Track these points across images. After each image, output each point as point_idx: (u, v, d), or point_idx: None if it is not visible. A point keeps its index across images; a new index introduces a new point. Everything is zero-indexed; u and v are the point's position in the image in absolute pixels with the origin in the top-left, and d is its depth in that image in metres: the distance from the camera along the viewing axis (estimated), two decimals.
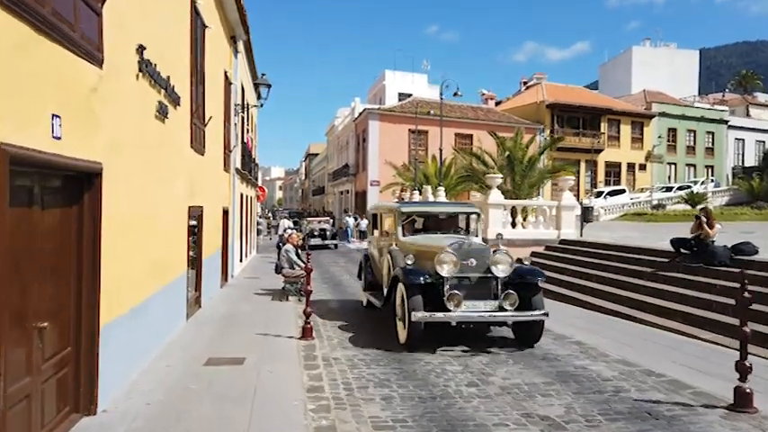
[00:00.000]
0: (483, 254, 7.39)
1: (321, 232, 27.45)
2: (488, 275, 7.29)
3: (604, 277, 11.35)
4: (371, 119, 36.90)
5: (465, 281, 7.28)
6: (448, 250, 7.23)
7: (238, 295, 12.09)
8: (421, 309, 6.97)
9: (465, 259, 7.22)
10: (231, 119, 14.89)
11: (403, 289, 7.34)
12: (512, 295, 7.09)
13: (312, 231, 27.31)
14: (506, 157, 17.78)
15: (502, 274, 7.25)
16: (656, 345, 7.39)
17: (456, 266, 7.14)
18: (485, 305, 7.17)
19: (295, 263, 11.77)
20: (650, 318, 8.78)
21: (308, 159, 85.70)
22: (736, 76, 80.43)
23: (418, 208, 10.32)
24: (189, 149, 8.75)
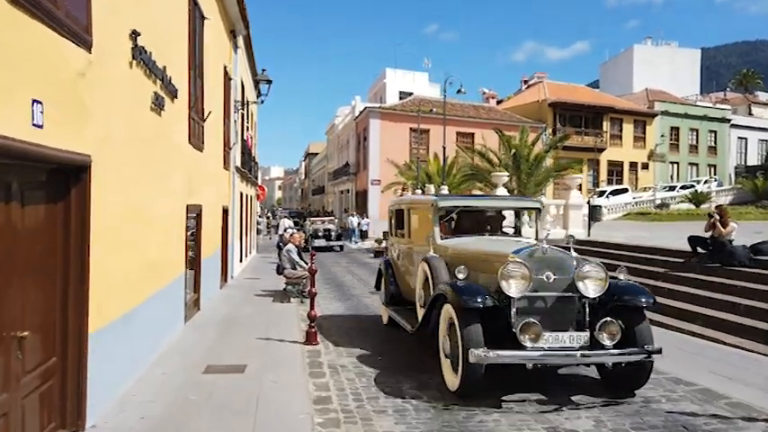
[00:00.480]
0: (565, 264, 5.38)
1: (326, 233, 26.08)
2: (572, 295, 5.31)
3: None
4: (372, 117, 36.53)
5: (539, 302, 5.32)
6: (516, 259, 5.22)
7: (239, 296, 11.70)
8: (481, 344, 5.01)
9: (540, 272, 5.25)
10: (231, 115, 14.50)
11: (453, 314, 5.38)
12: (612, 325, 5.12)
13: (316, 232, 26.05)
14: (512, 155, 17.41)
15: (593, 293, 5.25)
16: (679, 350, 7.01)
17: (528, 282, 5.14)
18: (571, 338, 5.18)
19: (297, 263, 11.39)
20: (669, 321, 8.39)
21: (308, 159, 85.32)
22: (736, 76, 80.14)
23: (461, 202, 8.06)
24: (187, 145, 8.36)
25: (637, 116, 44.91)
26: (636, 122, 45.04)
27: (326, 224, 27.71)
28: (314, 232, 25.90)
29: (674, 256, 10.78)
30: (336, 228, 27.65)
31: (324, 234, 25.90)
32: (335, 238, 26.26)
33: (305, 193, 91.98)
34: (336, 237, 26.36)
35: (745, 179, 38.15)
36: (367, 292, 12.60)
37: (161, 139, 6.71)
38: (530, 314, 5.18)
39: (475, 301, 5.21)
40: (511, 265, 5.16)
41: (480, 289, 5.39)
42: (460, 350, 5.14)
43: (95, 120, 4.40)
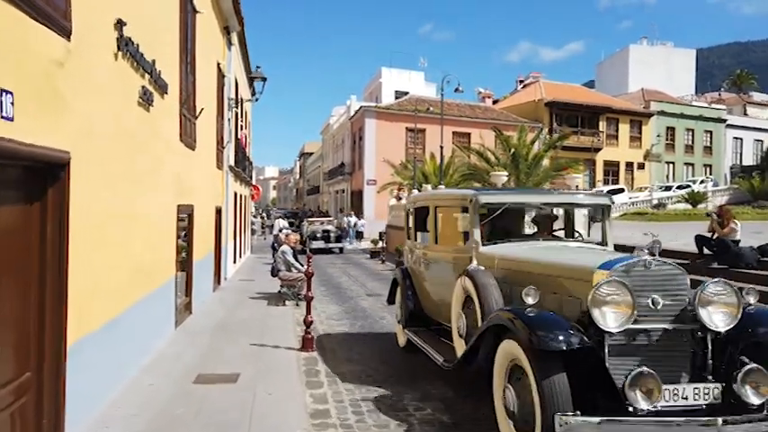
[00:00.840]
0: (678, 284, 3.93)
1: (325, 234, 24.86)
2: (687, 327, 3.85)
3: None
4: (368, 117, 36.23)
5: (641, 338, 3.82)
6: (613, 277, 3.79)
7: (232, 300, 11.37)
8: (570, 405, 3.46)
9: (643, 295, 3.81)
10: (225, 114, 14.17)
11: (521, 356, 3.79)
12: (759, 374, 3.60)
13: (314, 233, 24.76)
14: (511, 154, 17.14)
15: (723, 325, 3.81)
16: None
17: (632, 310, 3.69)
18: (695, 393, 3.65)
19: (292, 265, 11.07)
20: None
21: (303, 158, 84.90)
22: (730, 76, 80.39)
23: (508, 197, 5.98)
24: (178, 143, 8.03)
25: (633, 116, 44.83)
26: (632, 122, 44.97)
27: (325, 225, 26.51)
28: (312, 233, 24.68)
29: (679, 258, 10.51)
30: (336, 229, 26.44)
31: (323, 235, 24.73)
32: (335, 239, 25.09)
33: (300, 193, 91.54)
34: (336, 238, 25.18)
35: (741, 179, 38.08)
36: (364, 295, 12.30)
37: (150, 136, 6.39)
38: (629, 356, 3.75)
39: (557, 341, 3.56)
40: (606, 286, 3.70)
41: (561, 321, 3.80)
42: (537, 412, 3.58)
43: (75, 113, 4.07)
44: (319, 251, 23.11)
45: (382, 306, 10.71)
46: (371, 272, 17.32)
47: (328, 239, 24.70)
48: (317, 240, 24.04)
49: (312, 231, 24.93)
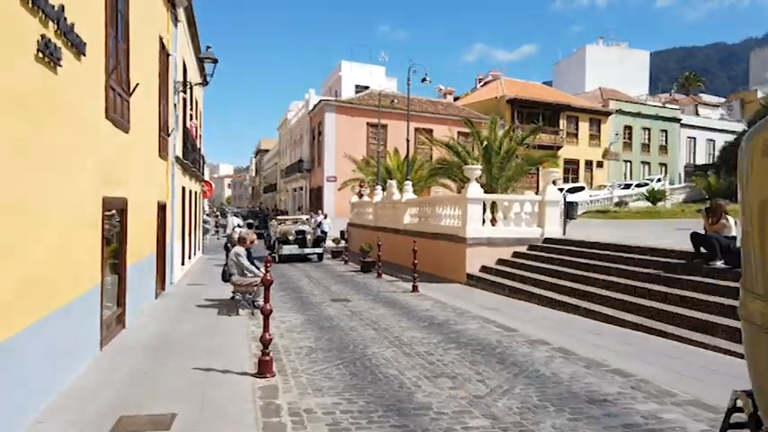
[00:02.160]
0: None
1: (299, 237, 19.78)
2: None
3: (611, 282, 9.79)
4: (328, 111, 34.81)
5: None
6: None
7: (177, 308, 9.88)
8: None
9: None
10: (170, 97, 12.59)
11: None
12: None
13: (285, 236, 19.82)
14: (483, 147, 16.17)
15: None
16: (725, 376, 5.75)
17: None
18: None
19: (247, 269, 9.67)
20: (687, 333, 7.22)
21: (259, 155, 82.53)
22: (679, 79, 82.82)
23: None
24: (103, 121, 6.55)
25: (592, 114, 45.05)
26: (591, 121, 45.18)
27: (300, 225, 21.29)
28: (283, 236, 19.88)
29: (675, 257, 9.69)
30: (313, 230, 21.31)
31: (296, 239, 19.74)
32: (313, 243, 19.97)
33: (256, 192, 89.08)
34: (314, 242, 20.02)
35: (698, 177, 38.59)
36: (329, 300, 11.01)
37: (57, 106, 4.93)
38: None
39: None
40: None
41: None
42: None
43: None
44: (292, 258, 19.49)
45: (350, 313, 9.46)
46: (334, 273, 16.01)
47: (304, 243, 19.73)
48: (289, 245, 19.49)
49: (283, 233, 20.00)
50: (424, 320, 8.85)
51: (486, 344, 7.13)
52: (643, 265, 10.05)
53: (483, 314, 9.32)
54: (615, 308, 8.94)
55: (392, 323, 8.63)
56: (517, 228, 14.30)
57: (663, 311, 8.09)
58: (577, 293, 10.05)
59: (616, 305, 9.00)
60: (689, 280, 8.67)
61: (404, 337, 7.57)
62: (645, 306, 8.48)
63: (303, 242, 19.76)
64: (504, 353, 6.65)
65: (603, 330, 7.97)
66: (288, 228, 20.69)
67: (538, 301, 10.52)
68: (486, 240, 13.91)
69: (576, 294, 10.06)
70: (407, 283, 13.18)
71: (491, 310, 9.81)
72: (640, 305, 8.59)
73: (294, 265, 18.50)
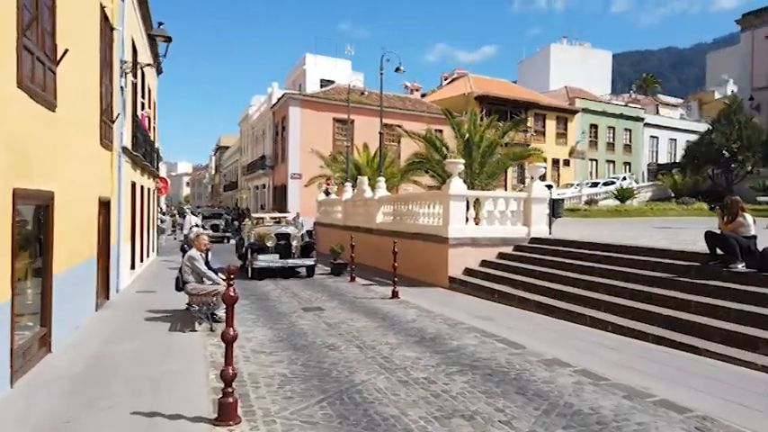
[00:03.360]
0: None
1: (283, 244, 14.27)
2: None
3: (615, 287, 8.81)
4: (292, 105, 33.25)
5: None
6: None
7: (120, 322, 8.40)
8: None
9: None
10: (115, 78, 11.01)
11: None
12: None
13: (262, 240, 14.36)
14: (465, 141, 15.09)
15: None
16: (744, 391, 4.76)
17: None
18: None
19: (204, 275, 8.26)
20: (723, 349, 6.25)
21: (219, 153, 79.82)
22: (636, 80, 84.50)
23: None
24: (15, 90, 5.10)
25: (559, 112, 44.93)
26: (558, 119, 45.06)
27: (283, 226, 15.60)
28: (258, 241, 14.50)
29: (688, 259, 8.77)
30: (299, 233, 15.57)
31: (278, 245, 14.18)
32: (300, 251, 14.44)
33: (215, 190, 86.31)
34: (303, 249, 14.52)
35: (664, 176, 38.76)
36: (300, 310, 9.70)
37: None
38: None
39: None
40: None
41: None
42: None
43: None
44: (271, 273, 14.17)
45: (327, 326, 8.18)
46: (301, 277, 14.66)
47: (288, 252, 14.23)
48: (267, 254, 14.02)
49: (259, 237, 14.64)
50: (413, 334, 7.66)
51: (494, 366, 5.98)
52: (649, 267, 9.12)
53: (478, 325, 8.19)
54: (624, 316, 7.94)
55: (377, 338, 7.41)
56: (502, 227, 13.27)
57: (684, 321, 7.12)
58: (577, 299, 9.05)
59: (625, 313, 8.01)
60: (708, 285, 7.74)
61: (395, 358, 6.36)
62: (659, 314, 7.50)
63: (287, 250, 14.18)
64: (521, 378, 5.52)
65: (620, 344, 6.94)
66: (266, 230, 14.93)
67: (533, 308, 9.48)
68: (470, 241, 12.83)
69: (576, 300, 9.06)
70: (384, 288, 11.98)
71: (485, 319, 8.70)
72: (653, 313, 7.61)
73: (276, 281, 13.63)
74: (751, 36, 39.88)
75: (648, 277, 8.73)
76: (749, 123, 32.98)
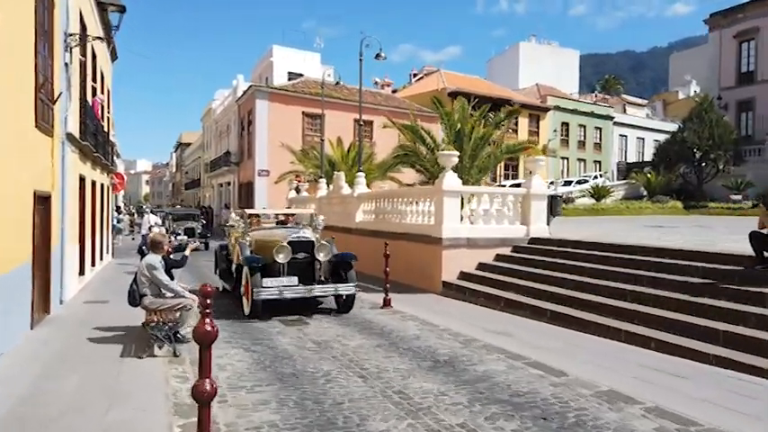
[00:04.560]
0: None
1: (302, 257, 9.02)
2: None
3: (643, 294, 7.69)
4: (259, 98, 31.44)
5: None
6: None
7: (60, 346, 6.80)
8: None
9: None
10: (57, 50, 9.32)
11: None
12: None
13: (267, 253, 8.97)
14: (456, 132, 13.85)
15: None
16: None
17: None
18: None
19: (166, 287, 6.75)
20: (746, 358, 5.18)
21: (180, 150, 76.75)
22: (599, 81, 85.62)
23: None
24: None
25: (532, 110, 44.38)
26: (531, 116, 44.50)
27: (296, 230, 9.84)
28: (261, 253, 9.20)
29: (732, 263, 7.71)
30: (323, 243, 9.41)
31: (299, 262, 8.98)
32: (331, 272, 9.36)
33: (177, 188, 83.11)
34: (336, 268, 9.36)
35: (637, 174, 38.56)
36: (276, 322, 8.26)
37: None
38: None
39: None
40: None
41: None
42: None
43: None
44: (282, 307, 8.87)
45: (316, 347, 6.80)
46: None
47: (311, 272, 9.11)
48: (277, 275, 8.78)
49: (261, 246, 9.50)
50: (422, 356, 6.34)
51: (542, 404, 4.72)
52: (680, 271, 8.04)
53: (495, 342, 6.94)
54: (666, 329, 6.80)
55: (381, 363, 6.06)
56: (499, 226, 12.10)
57: (748, 339, 6.00)
58: (602, 309, 7.90)
59: (665, 326, 6.87)
60: (764, 293, 6.68)
61: (411, 393, 5.03)
62: (714, 330, 6.38)
63: (309, 269, 9.04)
64: (585, 424, 4.26)
65: (681, 369, 5.76)
66: (271, 235, 9.76)
67: (549, 319, 8.30)
68: (466, 241, 11.60)
69: (599, 310, 7.91)
70: (371, 295, 10.64)
71: (500, 334, 7.46)
72: (706, 328, 6.50)
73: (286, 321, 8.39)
74: (719, 36, 40.14)
75: (685, 284, 7.63)
76: (720, 122, 32.99)
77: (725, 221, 19.95)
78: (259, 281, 8.45)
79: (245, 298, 8.91)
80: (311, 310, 9.23)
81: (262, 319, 8.45)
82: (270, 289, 8.46)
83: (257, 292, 8.37)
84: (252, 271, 8.60)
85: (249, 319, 8.52)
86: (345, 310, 9.13)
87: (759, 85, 37.02)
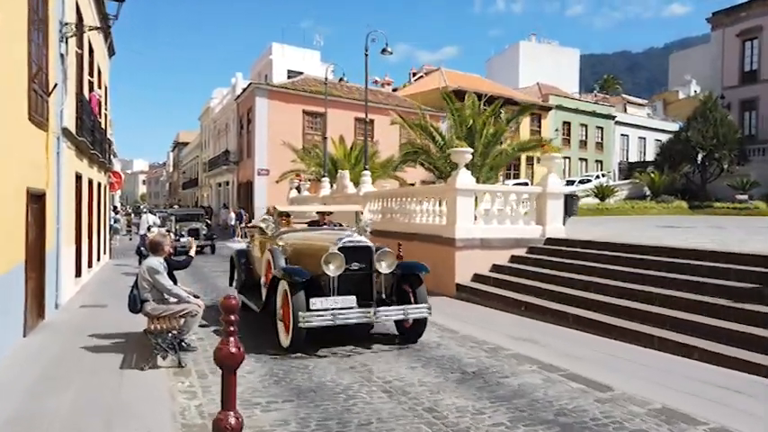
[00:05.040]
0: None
1: (357, 268, 6.83)
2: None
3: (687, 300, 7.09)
4: (259, 96, 30.87)
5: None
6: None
7: (55, 356, 6.30)
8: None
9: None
10: (52, 40, 8.81)
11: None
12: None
13: (312, 263, 6.79)
14: (467, 128, 13.37)
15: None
16: None
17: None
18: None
19: (169, 292, 6.25)
20: None
21: (177, 149, 76.11)
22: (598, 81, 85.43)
23: None
24: None
25: (534, 109, 43.90)
26: (532, 115, 44.00)
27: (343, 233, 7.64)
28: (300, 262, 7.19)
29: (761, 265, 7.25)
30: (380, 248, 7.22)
31: (355, 274, 6.85)
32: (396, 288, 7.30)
33: (174, 188, 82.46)
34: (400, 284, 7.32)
35: (641, 174, 38.15)
36: None
37: None
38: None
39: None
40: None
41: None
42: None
43: None
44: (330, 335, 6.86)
45: (331, 355, 6.29)
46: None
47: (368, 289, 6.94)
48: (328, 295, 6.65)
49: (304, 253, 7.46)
50: (448, 367, 5.85)
51: (593, 424, 4.24)
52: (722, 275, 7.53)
53: (524, 351, 6.45)
54: (708, 337, 6.32)
55: (405, 375, 5.57)
56: (514, 226, 11.62)
57: None
58: (632, 314, 7.40)
59: (707, 333, 6.37)
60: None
61: (444, 410, 4.55)
62: (759, 338, 5.92)
63: (365, 284, 6.95)
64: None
65: (734, 382, 5.26)
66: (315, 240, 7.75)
67: (573, 324, 7.81)
68: (479, 242, 11.11)
69: (628, 315, 7.42)
70: None
71: (526, 341, 6.98)
72: (749, 335, 6.02)
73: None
74: (721, 35, 39.79)
75: (732, 289, 7.12)
76: (725, 121, 32.60)
77: (735, 221, 19.57)
78: (304, 302, 6.35)
79: (281, 324, 6.77)
80: (362, 336, 7.17)
81: (302, 350, 6.41)
82: (320, 313, 6.31)
83: (303, 318, 6.18)
84: (293, 288, 6.46)
85: (288, 353, 6.39)
86: (413, 339, 7.02)
87: (762, 84, 36.68)
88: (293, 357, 6.31)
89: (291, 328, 6.40)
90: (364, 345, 6.89)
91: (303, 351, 6.40)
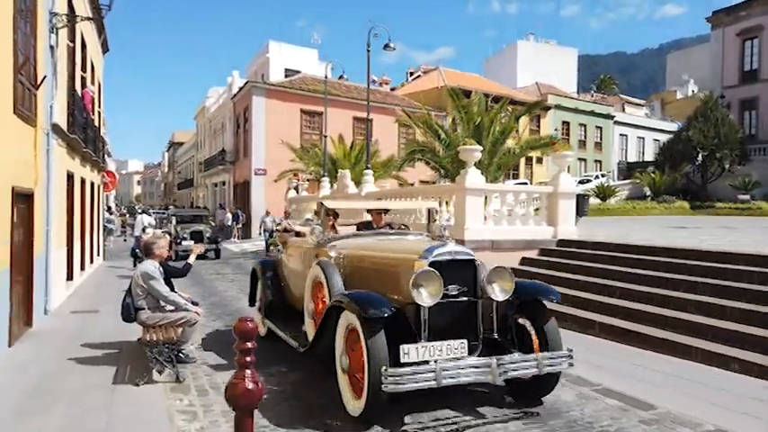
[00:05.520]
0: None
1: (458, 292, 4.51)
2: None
3: (733, 309, 6.66)
4: (256, 95, 30.35)
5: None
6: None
7: (42, 369, 5.80)
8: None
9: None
10: (41, 30, 8.31)
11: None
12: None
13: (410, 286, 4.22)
14: (475, 126, 12.94)
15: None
16: None
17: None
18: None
19: (165, 299, 5.76)
20: None
21: (173, 149, 75.45)
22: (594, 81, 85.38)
23: None
24: None
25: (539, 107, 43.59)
26: (532, 115, 43.69)
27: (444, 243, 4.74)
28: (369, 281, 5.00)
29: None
30: None
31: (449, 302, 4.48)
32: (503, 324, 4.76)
33: (169, 188, 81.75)
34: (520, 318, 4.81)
35: (642, 174, 37.83)
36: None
37: None
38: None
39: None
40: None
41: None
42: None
43: None
44: None
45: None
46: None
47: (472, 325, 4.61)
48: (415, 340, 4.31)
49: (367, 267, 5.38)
50: None
51: None
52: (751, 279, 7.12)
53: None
54: (754, 349, 5.85)
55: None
56: (525, 227, 11.19)
57: None
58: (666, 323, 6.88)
59: (753, 344, 5.90)
60: None
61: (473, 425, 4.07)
62: None
63: (469, 317, 4.64)
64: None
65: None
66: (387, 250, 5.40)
67: (598, 333, 7.34)
68: (490, 243, 10.66)
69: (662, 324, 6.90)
70: None
71: None
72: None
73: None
74: (721, 34, 39.53)
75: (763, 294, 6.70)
76: (726, 120, 32.33)
77: (742, 221, 19.22)
78: (386, 350, 4.12)
79: (345, 378, 4.56)
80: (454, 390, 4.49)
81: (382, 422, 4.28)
82: (416, 368, 4.05)
83: (393, 378, 3.95)
84: (369, 326, 4.19)
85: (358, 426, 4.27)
86: (540, 394, 4.76)
87: (763, 83, 36.42)
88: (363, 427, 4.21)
89: (367, 388, 4.09)
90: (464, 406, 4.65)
91: (380, 422, 4.25)
